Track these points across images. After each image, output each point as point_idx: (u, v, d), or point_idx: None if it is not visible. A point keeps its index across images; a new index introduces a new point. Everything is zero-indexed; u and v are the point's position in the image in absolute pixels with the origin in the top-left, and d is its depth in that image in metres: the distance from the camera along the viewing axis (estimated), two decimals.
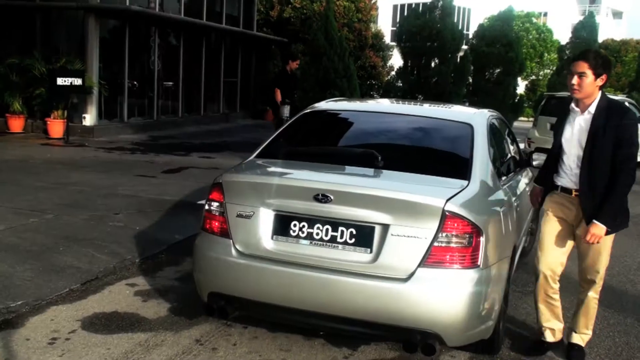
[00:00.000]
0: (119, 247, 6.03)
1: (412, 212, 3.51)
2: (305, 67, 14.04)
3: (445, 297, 3.47)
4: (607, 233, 3.92)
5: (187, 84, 20.04)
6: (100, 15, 15.81)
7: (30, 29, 16.05)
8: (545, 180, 4.31)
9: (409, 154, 4.45)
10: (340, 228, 3.61)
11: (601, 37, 26.64)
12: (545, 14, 53.26)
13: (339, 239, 3.61)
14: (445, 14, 15.98)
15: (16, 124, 15.17)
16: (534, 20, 45.66)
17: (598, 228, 3.86)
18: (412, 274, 3.45)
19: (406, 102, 7.97)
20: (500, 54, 18.52)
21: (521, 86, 32.36)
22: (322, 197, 3.58)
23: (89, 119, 15.66)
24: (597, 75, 3.87)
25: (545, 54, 42.48)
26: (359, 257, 3.56)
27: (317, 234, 3.65)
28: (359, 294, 3.51)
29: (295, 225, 3.70)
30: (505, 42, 18.67)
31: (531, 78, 40.50)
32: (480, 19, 28.71)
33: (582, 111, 3.97)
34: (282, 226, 3.73)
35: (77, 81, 13.96)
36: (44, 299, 4.63)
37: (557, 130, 4.15)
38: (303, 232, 3.68)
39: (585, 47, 21.23)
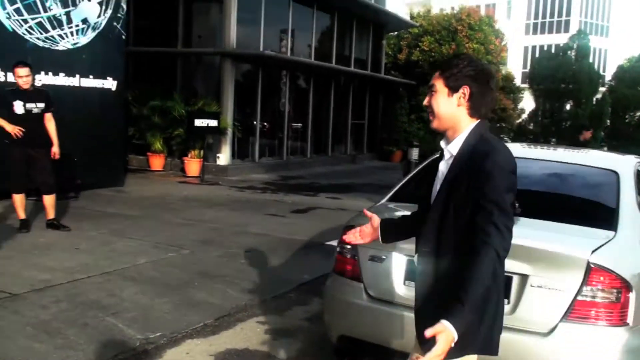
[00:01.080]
0: (250, 285, 6.18)
1: (553, 263, 3.34)
2: None
3: (590, 355, 3.25)
4: (456, 352, 2.25)
5: (316, 126, 20.52)
6: (236, 60, 16.59)
7: (171, 73, 17.12)
8: None
9: (549, 202, 4.27)
10: None
11: None
12: None
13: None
14: (581, 55, 15.43)
15: (157, 163, 16.14)
16: None
17: (444, 332, 2.10)
18: (554, 328, 3.27)
19: (540, 147, 7.69)
20: None
21: None
22: None
23: (223, 158, 16.36)
24: (451, 89, 2.43)
25: None
26: None
27: None
28: None
29: None
30: None
31: None
32: (618, 60, 27.42)
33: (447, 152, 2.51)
34: (414, 271, 3.67)
35: (213, 122, 14.65)
36: (180, 332, 4.81)
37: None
38: None
39: None
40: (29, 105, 7.41)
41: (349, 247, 3.91)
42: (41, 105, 7.50)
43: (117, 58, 11.46)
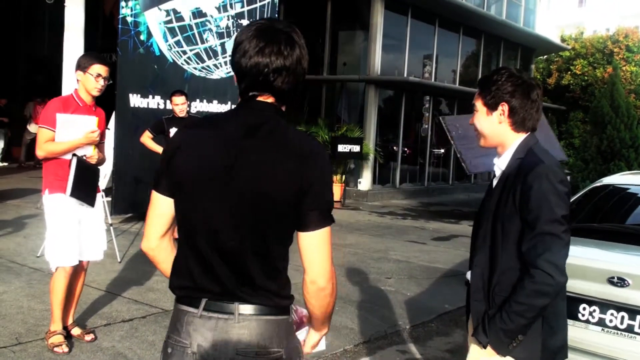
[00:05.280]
0: (390, 312, 6.10)
1: None
2: (586, 136, 13.27)
3: None
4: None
5: None
6: (380, 86, 16.72)
7: (316, 99, 17.55)
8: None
9: None
10: (638, 317, 3.22)
11: None
12: None
13: (636, 329, 3.23)
14: None
15: None
16: None
17: (475, 349, 2.39)
18: None
19: None
20: None
21: None
22: (617, 281, 3.25)
23: (364, 183, 16.45)
24: (489, 107, 2.42)
25: None
26: None
27: (611, 320, 3.30)
28: None
29: (584, 309, 3.40)
30: None
31: None
32: None
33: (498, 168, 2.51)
34: (568, 308, 3.44)
35: (356, 148, 14.80)
36: (320, 356, 4.82)
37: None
38: (593, 317, 3.36)
39: None
40: None
41: None
42: None
43: None
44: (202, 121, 1.99)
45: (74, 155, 4.36)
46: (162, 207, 1.93)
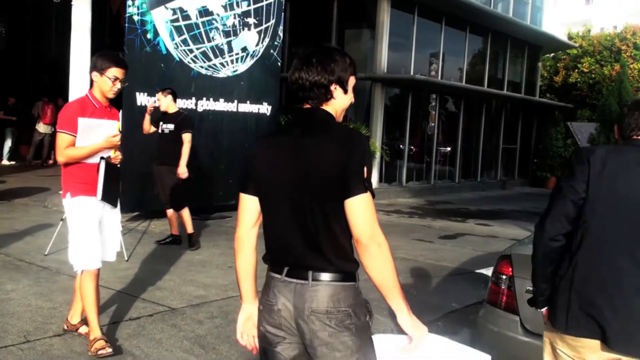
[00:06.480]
0: None
1: None
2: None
3: None
4: None
5: (465, 150, 20.11)
6: (386, 85, 16.70)
7: None
8: None
9: None
10: None
11: None
12: None
13: None
14: None
15: None
16: None
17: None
18: None
19: None
20: None
21: None
22: None
23: (371, 182, 16.40)
24: None
25: None
26: None
27: None
28: None
29: None
30: None
31: None
32: None
33: None
34: None
35: None
36: None
37: None
38: None
39: None
40: None
41: (505, 277, 3.75)
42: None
43: (272, 84, 11.92)
44: (277, 129, 2.40)
45: (102, 158, 4.30)
46: (247, 205, 2.40)
